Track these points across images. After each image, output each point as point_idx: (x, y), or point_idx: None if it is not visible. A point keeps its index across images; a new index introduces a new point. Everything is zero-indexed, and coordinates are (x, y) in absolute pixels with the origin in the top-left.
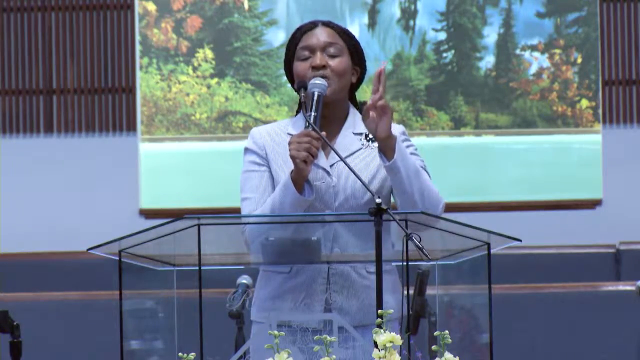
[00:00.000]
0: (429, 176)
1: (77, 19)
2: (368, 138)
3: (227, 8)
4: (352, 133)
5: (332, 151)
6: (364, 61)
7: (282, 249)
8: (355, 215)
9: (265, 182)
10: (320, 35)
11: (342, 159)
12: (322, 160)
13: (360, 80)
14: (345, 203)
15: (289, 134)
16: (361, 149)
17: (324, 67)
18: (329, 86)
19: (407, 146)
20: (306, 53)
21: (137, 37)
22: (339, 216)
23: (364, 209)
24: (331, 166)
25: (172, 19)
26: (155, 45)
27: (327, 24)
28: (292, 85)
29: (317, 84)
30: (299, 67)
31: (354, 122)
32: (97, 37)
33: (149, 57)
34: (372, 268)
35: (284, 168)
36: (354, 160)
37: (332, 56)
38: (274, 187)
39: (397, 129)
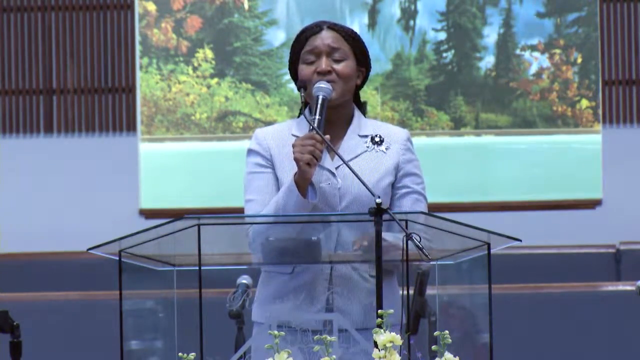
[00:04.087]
0: (425, 200)
1: (77, 19)
2: (374, 141)
3: (227, 8)
4: (358, 135)
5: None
6: (369, 62)
7: (282, 249)
8: (355, 215)
9: (269, 184)
10: (326, 39)
11: (345, 163)
12: (328, 162)
13: (364, 81)
14: (351, 205)
15: (293, 135)
16: (367, 151)
17: (329, 72)
18: (334, 90)
19: (409, 160)
20: (311, 57)
21: (137, 37)
22: (339, 216)
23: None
24: (337, 168)
25: (172, 19)
26: (155, 45)
27: (332, 27)
28: (295, 83)
29: (322, 87)
30: (304, 71)
31: (359, 124)
32: (97, 37)
33: (149, 57)
34: (374, 272)
35: (289, 169)
36: (359, 162)
37: (337, 60)
38: (278, 189)
39: (402, 134)
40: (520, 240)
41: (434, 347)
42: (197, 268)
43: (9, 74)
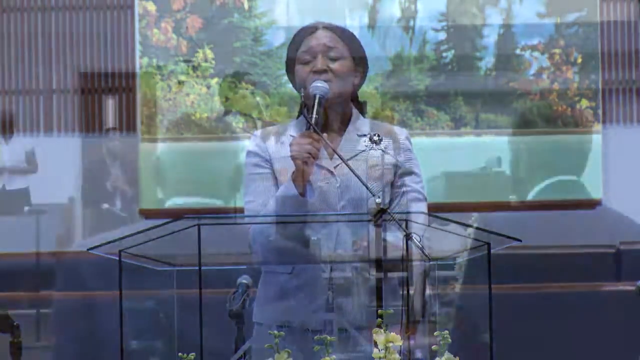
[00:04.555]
0: (425, 200)
1: (77, 19)
2: (373, 140)
3: (227, 8)
4: (357, 135)
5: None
6: (366, 62)
7: (282, 249)
8: (355, 215)
9: (268, 185)
10: (321, 39)
11: (344, 161)
12: (326, 161)
13: (362, 81)
14: (350, 204)
15: (291, 135)
16: (365, 150)
17: (325, 71)
18: (331, 89)
19: (408, 159)
20: (307, 57)
21: (137, 37)
22: (339, 216)
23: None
24: (335, 167)
25: (172, 19)
26: (155, 45)
27: (328, 27)
28: (294, 85)
29: (319, 86)
30: (301, 70)
31: (358, 123)
32: (97, 37)
33: (149, 57)
34: (374, 271)
35: (288, 170)
36: (358, 161)
37: (334, 59)
38: (277, 189)
39: (401, 133)
40: (520, 241)
41: (434, 347)
42: (197, 268)
43: (9, 74)
